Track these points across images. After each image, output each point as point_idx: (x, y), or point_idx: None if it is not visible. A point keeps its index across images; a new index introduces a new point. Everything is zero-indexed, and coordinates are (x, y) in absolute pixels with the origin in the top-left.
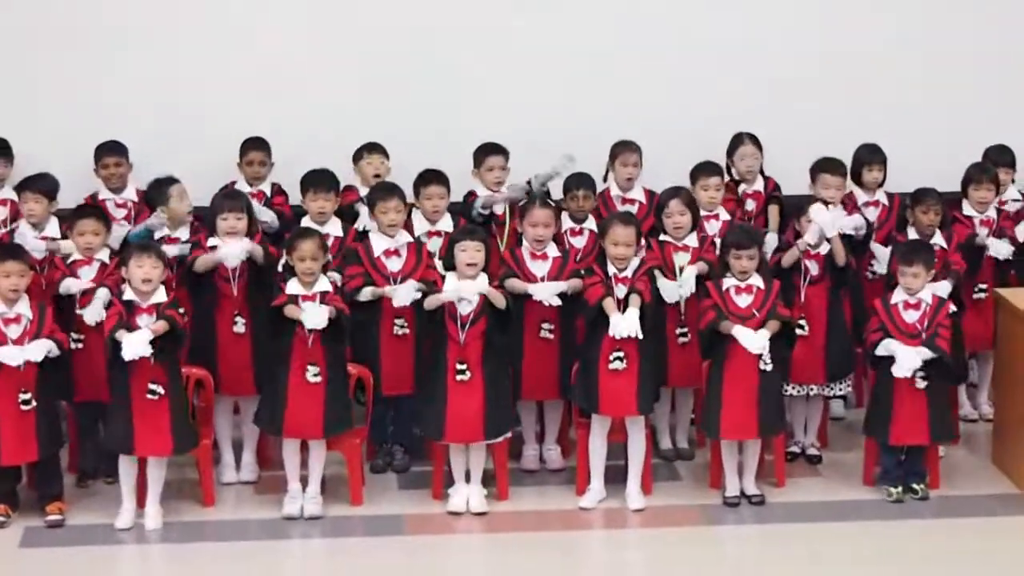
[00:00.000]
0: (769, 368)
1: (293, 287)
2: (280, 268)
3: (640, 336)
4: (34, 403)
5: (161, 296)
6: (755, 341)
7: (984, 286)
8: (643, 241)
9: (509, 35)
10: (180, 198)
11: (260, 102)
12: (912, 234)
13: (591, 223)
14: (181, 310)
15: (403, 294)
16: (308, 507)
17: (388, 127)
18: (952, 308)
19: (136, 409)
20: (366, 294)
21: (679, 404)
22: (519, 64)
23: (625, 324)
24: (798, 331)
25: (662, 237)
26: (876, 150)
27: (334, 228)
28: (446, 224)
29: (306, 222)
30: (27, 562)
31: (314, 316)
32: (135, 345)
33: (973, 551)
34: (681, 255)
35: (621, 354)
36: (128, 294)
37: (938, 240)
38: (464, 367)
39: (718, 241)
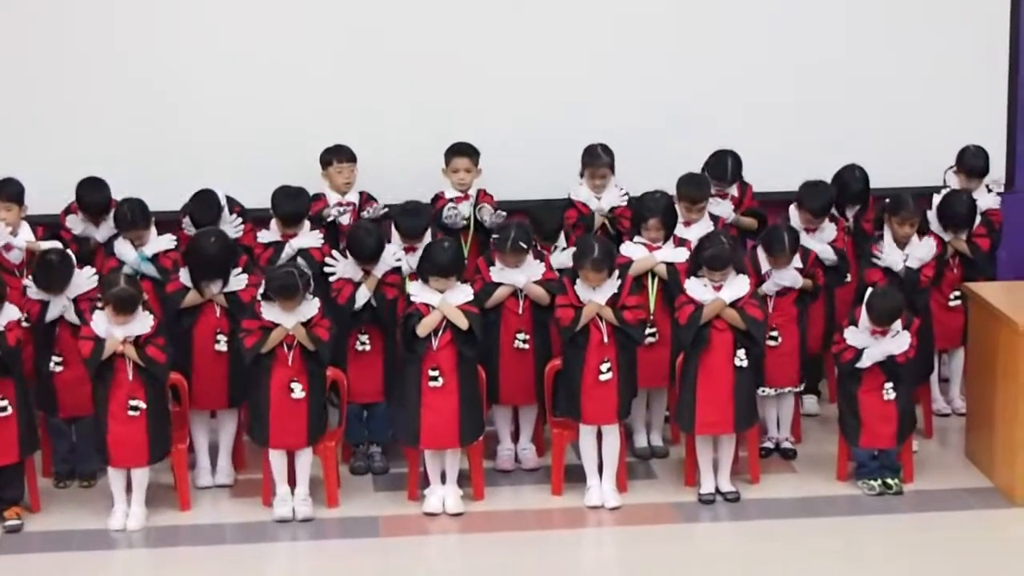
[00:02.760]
0: (744, 364)
1: (275, 315)
2: (259, 296)
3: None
4: (10, 410)
5: (143, 322)
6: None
7: (958, 293)
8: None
9: (503, 37)
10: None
11: (242, 107)
12: (888, 238)
13: None
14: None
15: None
16: (300, 509)
17: (367, 129)
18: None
19: (112, 423)
20: (362, 295)
21: (653, 403)
22: (509, 67)
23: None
24: (769, 342)
25: (636, 239)
26: (859, 194)
27: (311, 239)
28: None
29: (271, 235)
30: (2, 568)
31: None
32: None
33: (947, 544)
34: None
35: (608, 365)
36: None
37: (912, 249)
38: (436, 373)
39: None
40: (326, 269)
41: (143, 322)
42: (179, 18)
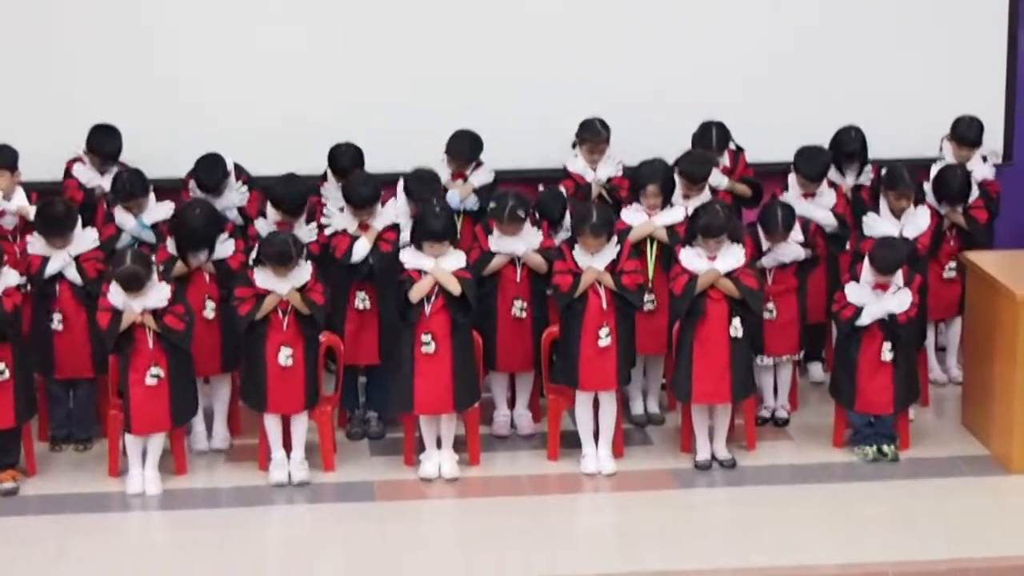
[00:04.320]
0: (740, 334)
1: (268, 282)
2: (250, 261)
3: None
4: (7, 374)
5: (159, 293)
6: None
7: (953, 264)
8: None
9: (499, 7)
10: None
11: (245, 75)
12: (884, 208)
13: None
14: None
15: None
16: (296, 473)
17: (364, 102)
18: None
19: (133, 392)
20: (360, 248)
21: (650, 369)
22: (504, 38)
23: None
24: (766, 315)
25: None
26: (855, 154)
27: (307, 232)
28: None
29: (267, 226)
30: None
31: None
32: None
33: (943, 511)
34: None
35: (607, 331)
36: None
37: (907, 219)
38: (429, 339)
39: None
40: (322, 220)
41: (159, 293)
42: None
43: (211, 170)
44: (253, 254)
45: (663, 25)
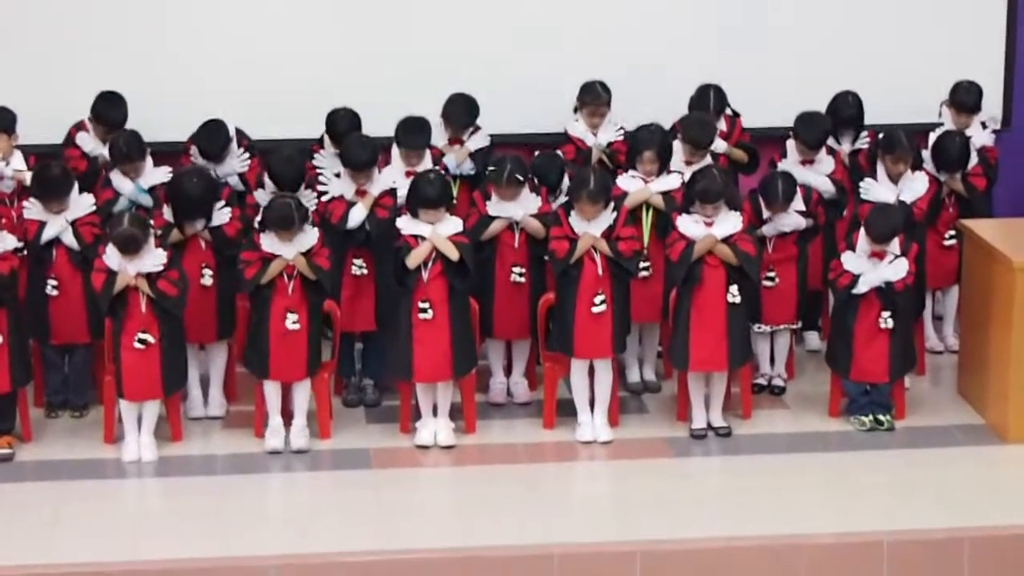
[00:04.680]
0: (737, 301)
1: (274, 246)
2: (256, 224)
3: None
4: (2, 339)
5: (155, 257)
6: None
7: (952, 232)
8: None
9: None
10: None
11: (245, 36)
12: (881, 173)
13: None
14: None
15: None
16: (296, 440)
17: (363, 64)
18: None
19: (125, 357)
20: (356, 214)
21: (646, 337)
22: (504, 8)
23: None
24: (766, 283)
25: (631, 173)
26: (852, 120)
27: (307, 200)
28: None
29: (266, 197)
30: None
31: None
32: None
33: (939, 480)
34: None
35: (602, 297)
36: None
37: (905, 184)
38: (426, 305)
39: None
40: (319, 188)
41: (155, 258)
42: None
43: (213, 137)
44: (258, 218)
45: None
